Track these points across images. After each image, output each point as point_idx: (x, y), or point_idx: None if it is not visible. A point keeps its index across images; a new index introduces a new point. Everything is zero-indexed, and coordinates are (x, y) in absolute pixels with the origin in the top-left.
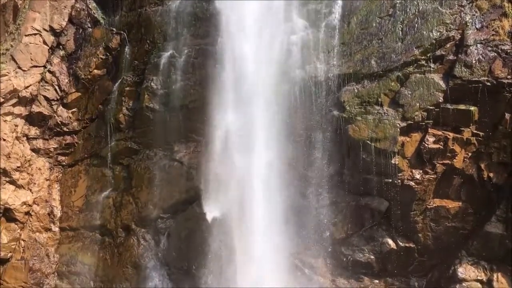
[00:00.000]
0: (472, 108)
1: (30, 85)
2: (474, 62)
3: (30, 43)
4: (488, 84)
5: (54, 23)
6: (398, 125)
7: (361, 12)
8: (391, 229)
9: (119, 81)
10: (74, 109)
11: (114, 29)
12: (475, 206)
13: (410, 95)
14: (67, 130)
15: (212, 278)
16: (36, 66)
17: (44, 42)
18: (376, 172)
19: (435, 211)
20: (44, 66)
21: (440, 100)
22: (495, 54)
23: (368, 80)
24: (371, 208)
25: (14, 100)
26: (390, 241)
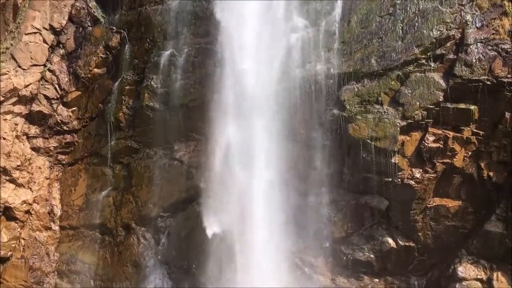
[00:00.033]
0: (472, 107)
1: (30, 83)
2: (474, 61)
3: (30, 41)
4: (488, 83)
5: (54, 22)
6: (398, 124)
7: (361, 11)
8: (391, 228)
9: (119, 80)
10: (74, 108)
11: (114, 28)
12: (475, 205)
13: (410, 94)
14: (67, 129)
15: (212, 278)
16: (36, 65)
17: (44, 41)
18: (376, 171)
19: (435, 210)
20: (44, 65)
21: (440, 99)
22: (495, 53)
23: (368, 79)
24: (371, 207)
25: (14, 99)
26: (390, 240)
